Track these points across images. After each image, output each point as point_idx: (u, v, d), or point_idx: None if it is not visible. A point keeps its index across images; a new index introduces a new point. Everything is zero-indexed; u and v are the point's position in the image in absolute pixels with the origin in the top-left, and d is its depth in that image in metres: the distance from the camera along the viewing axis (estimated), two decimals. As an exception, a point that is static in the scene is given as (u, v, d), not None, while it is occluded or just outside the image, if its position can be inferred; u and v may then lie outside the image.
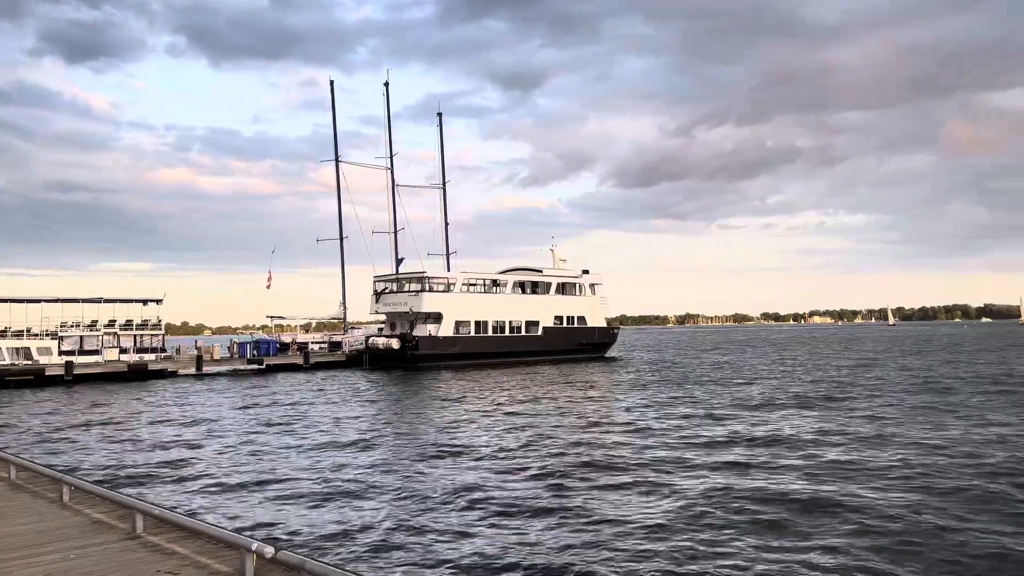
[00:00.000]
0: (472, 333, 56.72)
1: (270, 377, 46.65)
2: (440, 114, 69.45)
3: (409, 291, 56.02)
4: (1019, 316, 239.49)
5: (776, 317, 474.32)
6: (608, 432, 21.43)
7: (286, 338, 59.39)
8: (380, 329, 60.21)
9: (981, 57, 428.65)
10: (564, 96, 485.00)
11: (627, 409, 27.01)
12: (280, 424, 24.26)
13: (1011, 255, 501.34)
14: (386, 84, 65.51)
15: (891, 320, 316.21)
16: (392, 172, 63.99)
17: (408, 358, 52.24)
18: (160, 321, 50.03)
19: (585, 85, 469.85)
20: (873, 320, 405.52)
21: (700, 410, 26.22)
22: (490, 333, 57.69)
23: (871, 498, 12.99)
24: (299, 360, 52.97)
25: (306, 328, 65.67)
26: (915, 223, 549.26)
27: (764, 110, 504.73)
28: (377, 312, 58.97)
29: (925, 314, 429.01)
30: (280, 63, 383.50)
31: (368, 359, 53.99)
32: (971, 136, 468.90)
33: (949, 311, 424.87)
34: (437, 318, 54.88)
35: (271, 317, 60.57)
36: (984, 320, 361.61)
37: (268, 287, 61.87)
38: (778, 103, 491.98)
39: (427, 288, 55.35)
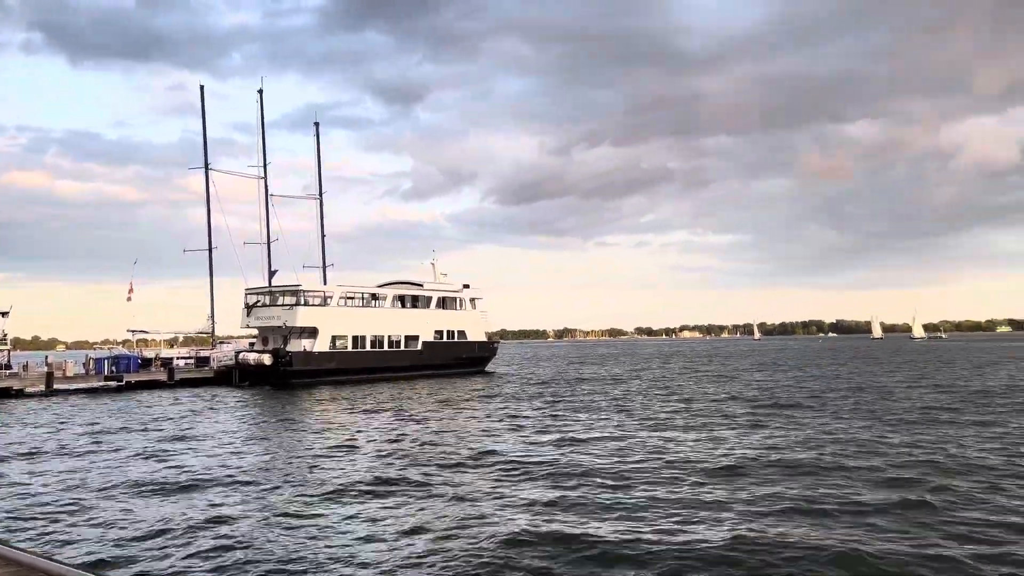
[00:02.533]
0: (349, 348, 55.42)
1: (130, 395, 43.86)
2: (317, 124, 67.86)
3: (283, 304, 54.16)
4: (868, 331, 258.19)
5: (649, 331, 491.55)
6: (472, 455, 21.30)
7: (149, 353, 56.30)
8: (251, 344, 57.92)
9: (830, 91, 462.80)
10: (446, 111, 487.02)
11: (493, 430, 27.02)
12: (125, 447, 22.63)
13: (860, 274, 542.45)
14: (260, 91, 63.40)
15: (756, 335, 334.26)
16: (266, 181, 61.93)
17: (281, 374, 50.40)
18: (5, 335, 46.22)
19: (466, 101, 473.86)
20: (738, 335, 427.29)
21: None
22: (368, 348, 56.57)
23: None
24: (163, 376, 50.12)
25: (171, 343, 62.41)
26: (775, 244, 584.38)
27: (638, 133, 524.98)
28: (248, 326, 56.68)
29: (785, 329, 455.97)
30: (147, 65, 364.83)
31: (238, 375, 51.73)
32: (823, 164, 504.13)
33: (806, 326, 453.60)
34: (312, 332, 53.32)
35: (132, 331, 57.15)
36: (831, 335, 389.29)
37: (129, 299, 58.24)
38: (651, 126, 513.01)
39: (302, 302, 53.69)
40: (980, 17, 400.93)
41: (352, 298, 58.46)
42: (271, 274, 59.82)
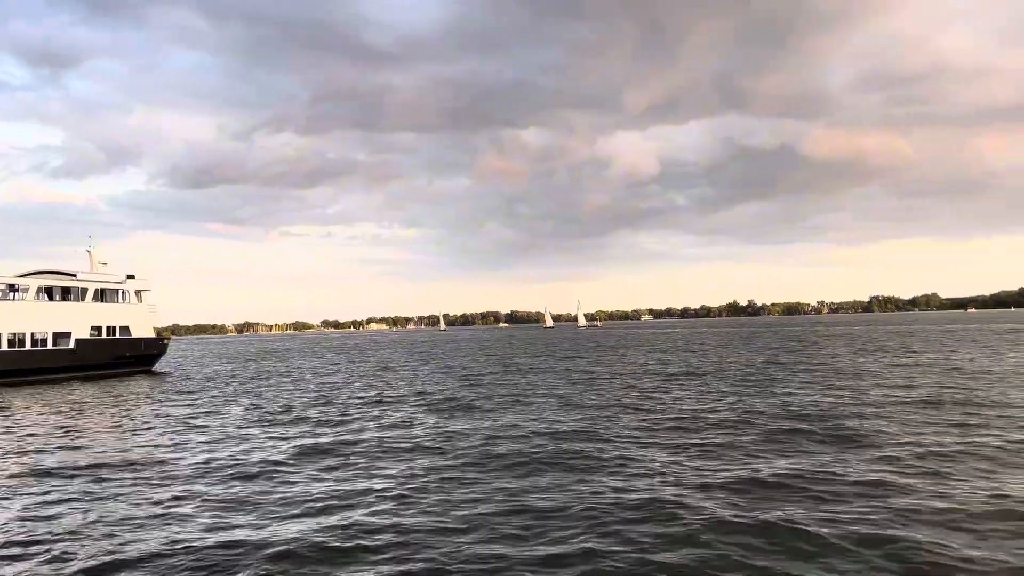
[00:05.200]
0: (-21, 348, 47.05)
1: None
2: (-64, 81, 56.55)
3: None
4: (541, 321, 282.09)
5: (336, 324, 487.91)
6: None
7: None
8: None
9: (506, 97, 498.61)
10: (105, 81, 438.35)
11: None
12: None
13: (531, 269, 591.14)
14: None
15: (442, 325, 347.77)
16: None
17: None
18: None
19: (131, 73, 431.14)
20: (423, 326, 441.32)
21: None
22: (5, 348, 48.51)
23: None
24: None
25: None
26: (458, 238, 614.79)
27: (323, 122, 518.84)
28: None
29: (466, 319, 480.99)
30: None
31: None
32: (499, 165, 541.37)
33: (484, 317, 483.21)
34: (-73, 331, 44.38)
35: None
36: (503, 325, 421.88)
37: None
38: (337, 117, 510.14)
39: (-88, 294, 44.42)
40: (627, 46, 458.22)
41: (-17, 290, 49.76)
42: None
